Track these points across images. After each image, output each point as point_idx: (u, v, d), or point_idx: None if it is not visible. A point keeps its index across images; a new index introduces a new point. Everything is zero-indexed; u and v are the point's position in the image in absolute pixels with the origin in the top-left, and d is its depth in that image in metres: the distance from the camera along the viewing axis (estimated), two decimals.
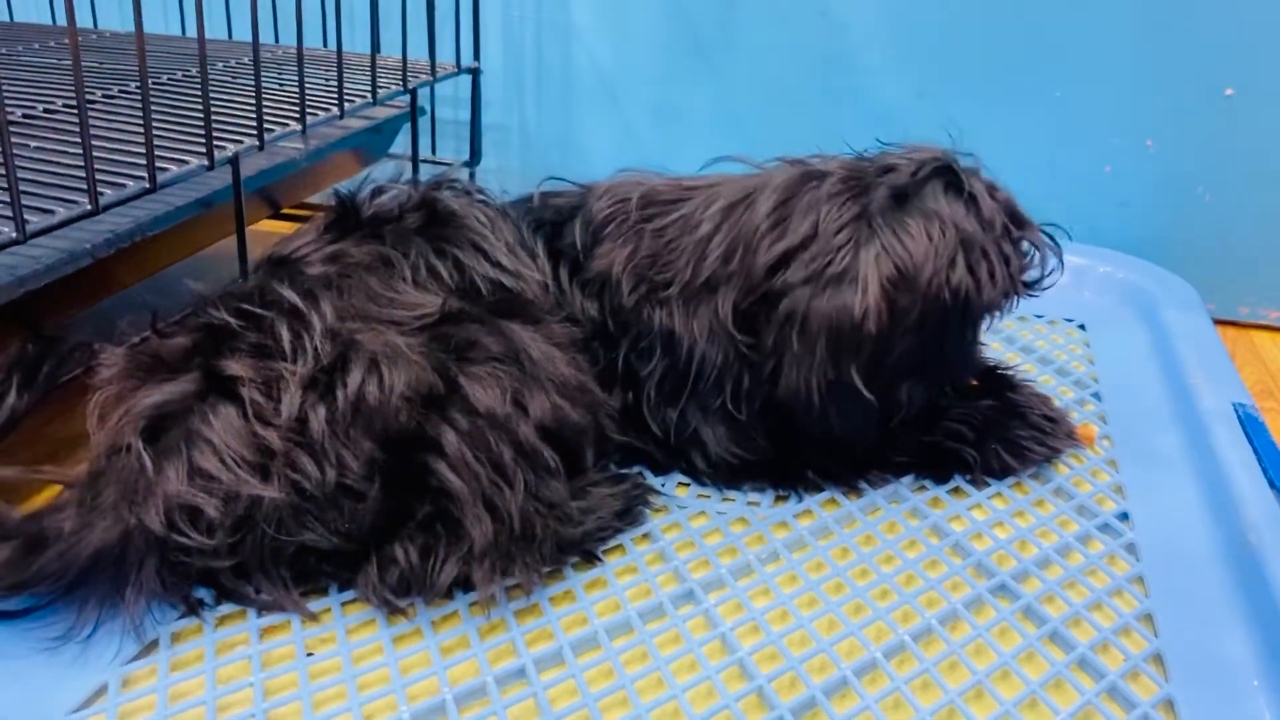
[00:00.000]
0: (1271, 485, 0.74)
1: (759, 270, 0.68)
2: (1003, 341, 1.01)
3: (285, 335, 0.60)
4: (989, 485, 0.76)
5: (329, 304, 0.62)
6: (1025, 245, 0.70)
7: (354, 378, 0.59)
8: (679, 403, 0.72)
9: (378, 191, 0.74)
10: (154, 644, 0.58)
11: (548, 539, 0.62)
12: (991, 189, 0.70)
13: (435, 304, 0.64)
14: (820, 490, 0.74)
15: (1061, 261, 0.72)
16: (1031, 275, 0.71)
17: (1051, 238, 0.72)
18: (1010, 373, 0.83)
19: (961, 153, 0.72)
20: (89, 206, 0.67)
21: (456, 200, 0.73)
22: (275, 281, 0.64)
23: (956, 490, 0.75)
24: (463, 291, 0.68)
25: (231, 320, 0.62)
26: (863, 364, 0.66)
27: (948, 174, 0.69)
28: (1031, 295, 0.72)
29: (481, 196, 0.76)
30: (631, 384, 0.73)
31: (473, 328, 0.64)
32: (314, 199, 1.17)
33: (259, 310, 0.62)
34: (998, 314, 0.71)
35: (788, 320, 0.67)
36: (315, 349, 0.60)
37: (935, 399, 0.75)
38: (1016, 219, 0.70)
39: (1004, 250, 0.68)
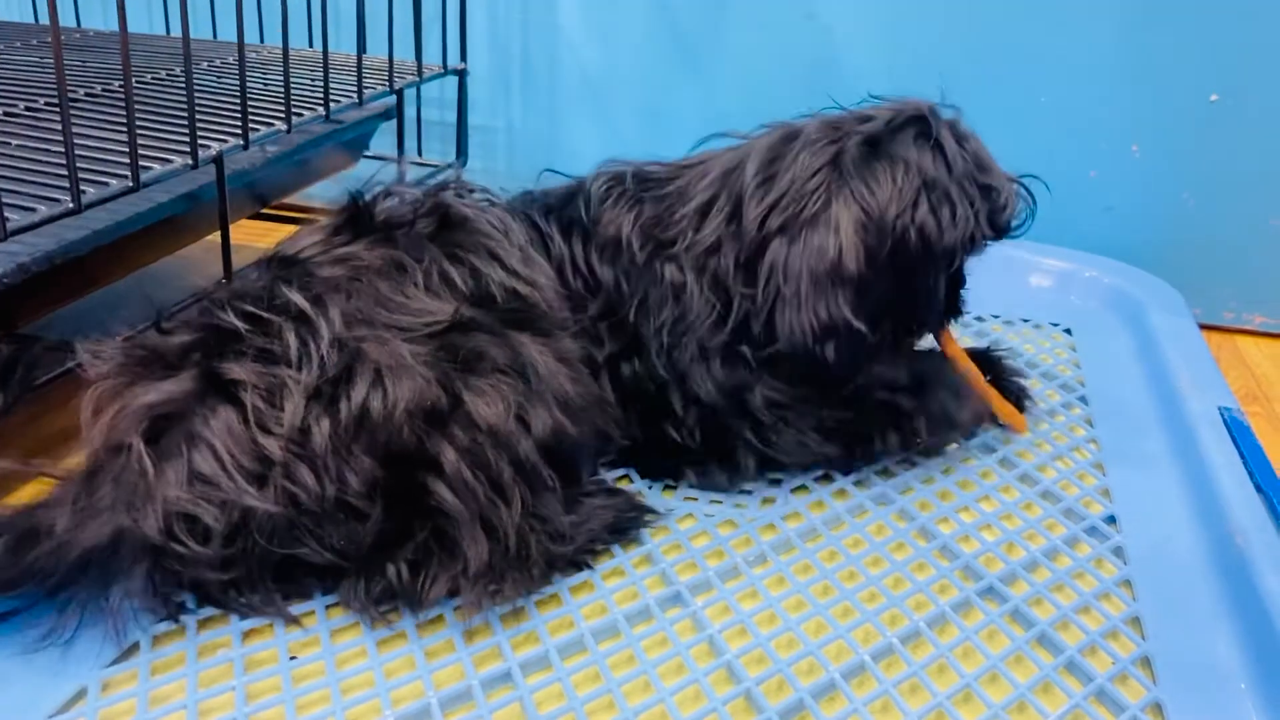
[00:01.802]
0: (1258, 489, 0.74)
1: (751, 225, 0.71)
2: (989, 345, 1.01)
3: (293, 342, 0.59)
4: (977, 488, 0.76)
5: (337, 310, 0.60)
6: (994, 191, 0.72)
7: (358, 390, 0.57)
8: (680, 342, 0.73)
9: (385, 194, 0.72)
10: (134, 647, 0.57)
11: (540, 559, 0.61)
12: (961, 138, 0.73)
13: (446, 311, 0.63)
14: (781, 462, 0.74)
15: (1032, 209, 0.76)
16: (1000, 219, 0.73)
17: (1023, 185, 0.75)
18: (999, 356, 0.88)
19: (945, 104, 0.75)
20: (71, 204, 0.67)
21: (468, 205, 0.72)
22: (284, 284, 0.62)
23: (944, 493, 0.75)
24: (477, 299, 0.66)
25: (238, 323, 0.60)
26: (849, 299, 0.69)
27: (920, 124, 0.72)
28: (999, 239, 0.75)
29: (488, 198, 0.75)
30: (638, 351, 0.73)
31: (482, 338, 0.63)
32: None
33: (265, 314, 0.61)
34: (963, 257, 0.74)
35: (772, 270, 0.70)
36: (322, 358, 0.58)
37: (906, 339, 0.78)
38: (982, 165, 0.72)
39: (967, 193, 0.71)
